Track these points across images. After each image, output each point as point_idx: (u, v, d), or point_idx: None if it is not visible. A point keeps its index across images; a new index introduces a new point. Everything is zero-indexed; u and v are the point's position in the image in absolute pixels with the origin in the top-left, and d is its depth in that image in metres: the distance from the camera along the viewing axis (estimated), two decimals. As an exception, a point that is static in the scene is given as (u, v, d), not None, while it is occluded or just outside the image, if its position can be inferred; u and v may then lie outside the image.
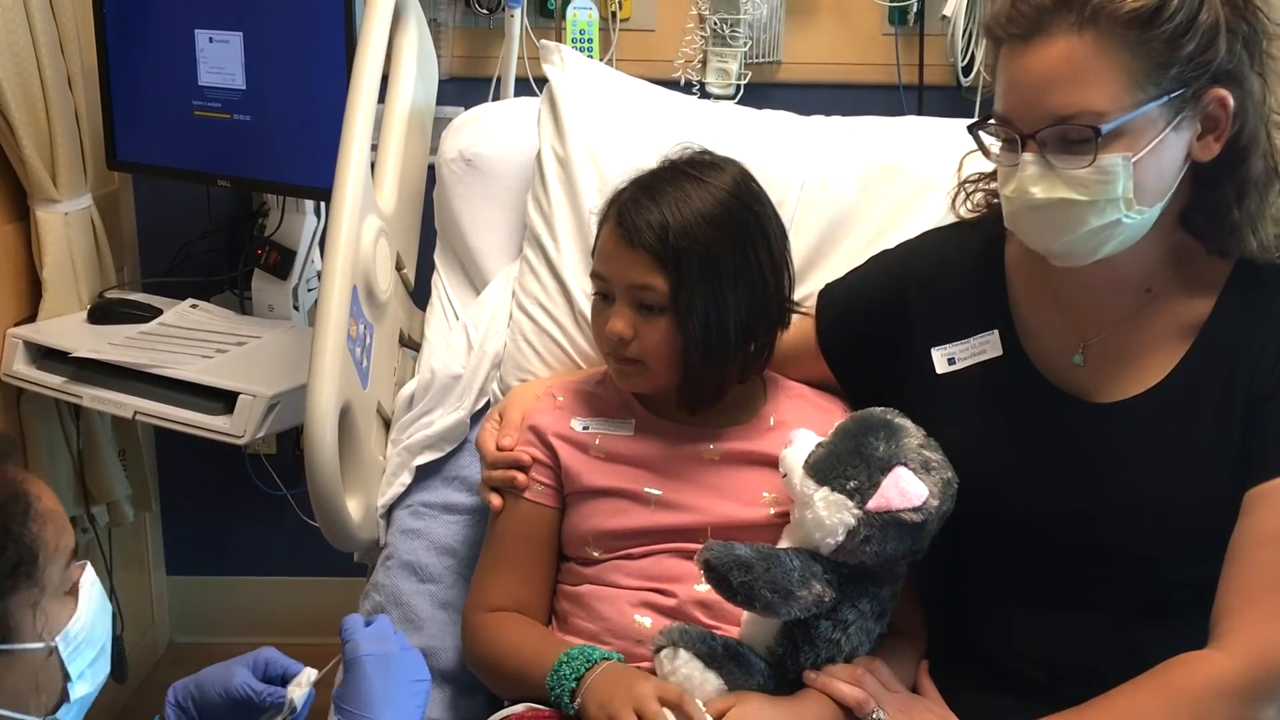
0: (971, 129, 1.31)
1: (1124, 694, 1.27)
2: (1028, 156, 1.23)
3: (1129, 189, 1.22)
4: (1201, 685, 1.24)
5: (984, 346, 1.41)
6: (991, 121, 1.27)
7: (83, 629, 1.03)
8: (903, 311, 1.47)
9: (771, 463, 1.42)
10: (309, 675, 1.22)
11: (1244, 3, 1.23)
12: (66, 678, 1.02)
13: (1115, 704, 1.27)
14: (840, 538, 1.30)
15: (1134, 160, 1.21)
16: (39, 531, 0.98)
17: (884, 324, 1.49)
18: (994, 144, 1.30)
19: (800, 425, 1.46)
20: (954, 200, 1.49)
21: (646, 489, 1.46)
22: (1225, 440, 1.30)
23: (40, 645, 0.98)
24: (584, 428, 1.51)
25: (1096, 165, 1.20)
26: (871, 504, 1.30)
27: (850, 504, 1.30)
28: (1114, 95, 1.19)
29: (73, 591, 1.04)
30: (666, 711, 1.26)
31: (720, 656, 1.34)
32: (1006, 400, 1.39)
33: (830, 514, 1.30)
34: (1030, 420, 1.38)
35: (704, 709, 1.28)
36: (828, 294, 1.57)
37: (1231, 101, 1.23)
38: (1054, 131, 1.21)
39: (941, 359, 1.43)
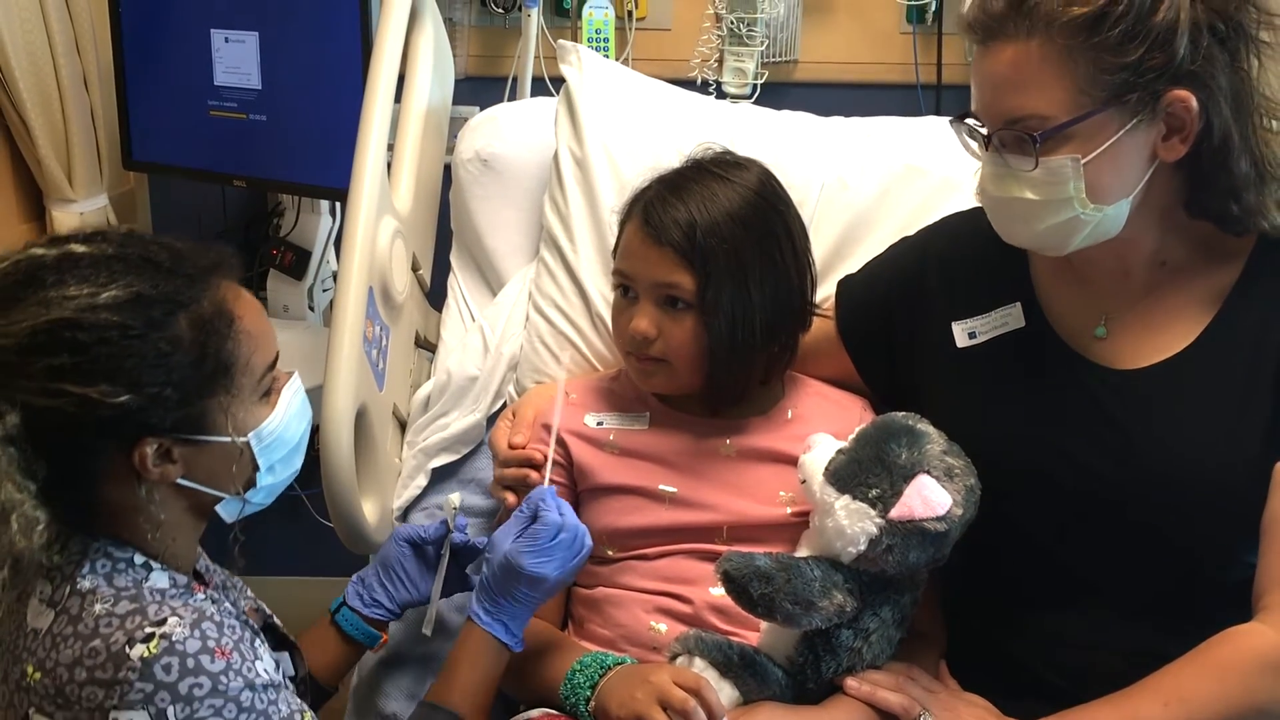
0: (953, 123, 1.34)
1: (1170, 674, 1.26)
2: (988, 155, 1.28)
3: (1080, 189, 1.24)
4: (1250, 661, 1.24)
5: (1006, 319, 1.41)
6: (968, 118, 1.31)
7: (275, 430, 1.19)
8: (922, 290, 1.47)
9: (789, 461, 1.40)
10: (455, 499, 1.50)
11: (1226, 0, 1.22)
12: (256, 468, 1.19)
13: (1162, 684, 1.26)
14: (862, 547, 1.29)
15: (1084, 162, 1.23)
16: (234, 349, 1.14)
17: (904, 303, 1.49)
18: (972, 143, 1.33)
19: (820, 421, 1.45)
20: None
21: (661, 486, 1.45)
22: (1255, 409, 1.29)
23: (229, 439, 1.15)
24: (598, 423, 1.51)
25: (1043, 167, 1.23)
26: (894, 513, 1.28)
27: (872, 513, 1.28)
28: (1058, 100, 1.22)
29: (271, 397, 1.20)
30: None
31: (736, 666, 1.32)
32: (1029, 371, 1.39)
33: (852, 523, 1.29)
34: (1054, 390, 1.37)
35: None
36: (846, 282, 1.58)
37: (1194, 103, 1.22)
38: (1008, 133, 1.25)
39: (962, 333, 1.43)
